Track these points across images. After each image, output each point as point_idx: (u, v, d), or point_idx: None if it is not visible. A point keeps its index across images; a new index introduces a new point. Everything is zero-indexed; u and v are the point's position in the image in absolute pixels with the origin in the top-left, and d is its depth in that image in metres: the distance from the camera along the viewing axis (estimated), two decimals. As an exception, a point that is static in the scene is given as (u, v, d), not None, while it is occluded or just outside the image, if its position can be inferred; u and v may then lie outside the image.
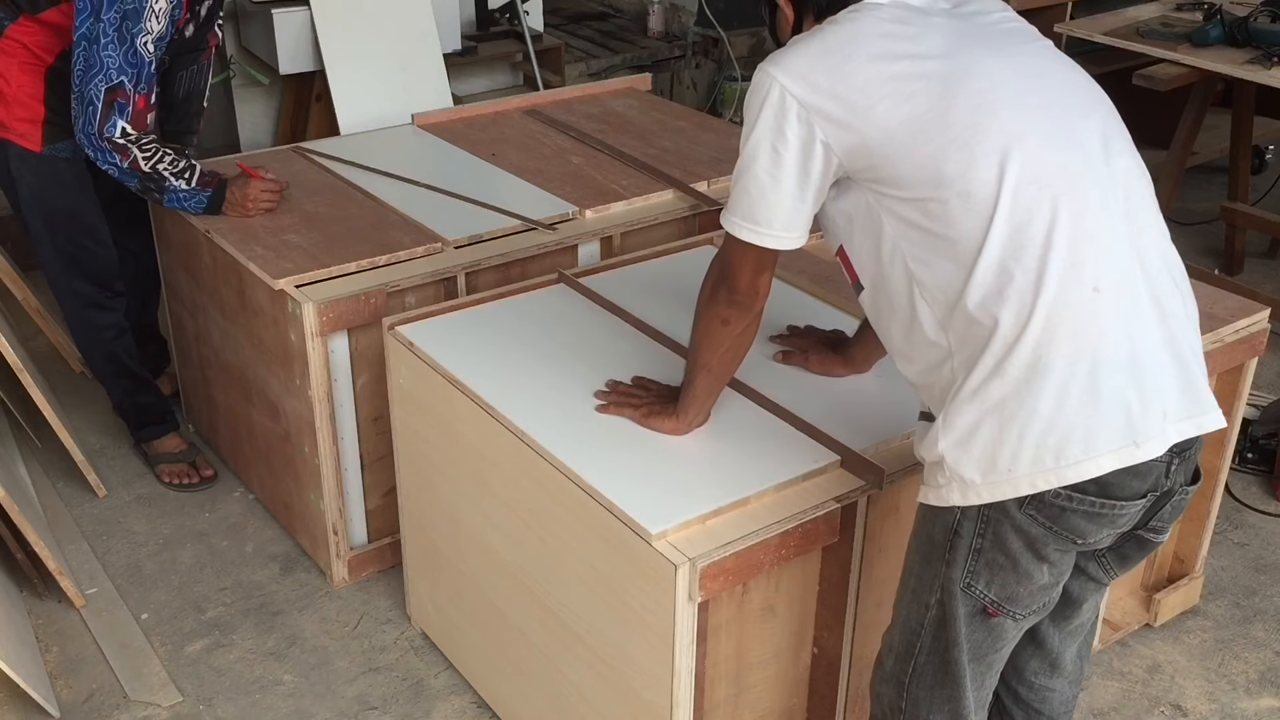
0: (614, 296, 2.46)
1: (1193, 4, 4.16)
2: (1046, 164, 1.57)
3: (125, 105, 2.55)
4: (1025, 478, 1.56)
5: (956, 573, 1.66)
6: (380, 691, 2.50)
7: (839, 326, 2.40)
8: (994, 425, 1.56)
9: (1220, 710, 2.50)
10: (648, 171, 3.11)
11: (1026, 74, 1.62)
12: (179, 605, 2.72)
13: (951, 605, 1.68)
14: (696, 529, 1.82)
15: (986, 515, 1.61)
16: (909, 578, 1.76)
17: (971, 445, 1.58)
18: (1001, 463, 1.56)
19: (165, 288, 3.19)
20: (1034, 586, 1.66)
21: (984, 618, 1.68)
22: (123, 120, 2.56)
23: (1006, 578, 1.64)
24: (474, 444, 2.18)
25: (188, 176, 2.69)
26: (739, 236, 1.75)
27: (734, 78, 5.68)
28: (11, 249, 3.85)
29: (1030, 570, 1.63)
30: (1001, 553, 1.62)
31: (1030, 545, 1.61)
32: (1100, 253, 1.56)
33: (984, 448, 1.57)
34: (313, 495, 2.70)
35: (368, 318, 2.54)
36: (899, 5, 1.66)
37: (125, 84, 2.52)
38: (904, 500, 2.07)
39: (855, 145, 1.60)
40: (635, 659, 1.91)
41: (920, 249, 1.61)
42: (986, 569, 1.64)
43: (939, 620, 1.71)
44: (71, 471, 3.07)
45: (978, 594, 1.66)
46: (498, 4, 4.92)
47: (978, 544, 1.63)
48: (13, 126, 2.71)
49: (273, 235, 2.71)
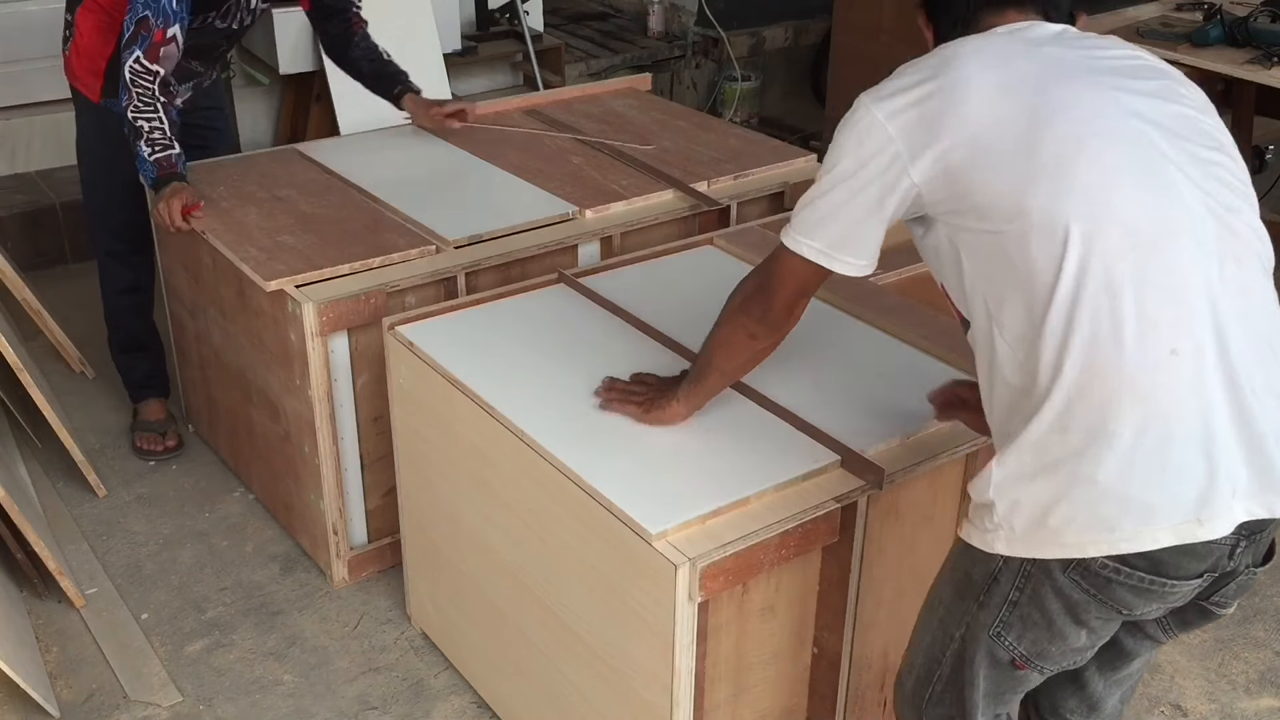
0: (614, 296, 2.46)
1: (1193, 4, 4.16)
2: (1136, 210, 1.46)
3: (147, 36, 2.68)
4: (1074, 543, 1.47)
5: (987, 618, 1.60)
6: (380, 691, 2.50)
7: (839, 327, 2.40)
8: (1050, 482, 1.48)
9: (1220, 710, 2.50)
10: (648, 172, 3.11)
11: (1133, 114, 1.52)
12: (179, 605, 2.72)
13: (973, 648, 1.63)
14: (696, 529, 1.82)
15: (1028, 571, 1.54)
16: (937, 605, 1.69)
17: (1024, 497, 1.50)
18: (1051, 522, 1.48)
19: (165, 287, 3.19)
20: (1067, 647, 1.59)
21: (1010, 668, 1.63)
22: (139, 49, 2.68)
23: (1039, 635, 1.57)
24: (474, 444, 2.18)
25: (157, 147, 2.74)
26: (800, 253, 1.68)
27: (734, 78, 5.68)
28: (11, 249, 3.85)
29: (1066, 632, 1.56)
30: (1038, 610, 1.55)
31: (1069, 609, 1.53)
32: (1184, 314, 1.44)
33: (1036, 503, 1.49)
34: (313, 495, 2.70)
35: (368, 318, 2.54)
36: (1011, 34, 1.61)
37: (149, 17, 2.67)
38: (904, 500, 2.08)
39: (939, 172, 1.54)
40: (635, 659, 1.91)
41: (995, 285, 1.53)
42: (1020, 623, 1.57)
43: (959, 656, 1.65)
44: (71, 471, 3.07)
45: (1007, 645, 1.60)
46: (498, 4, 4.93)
47: (1014, 596, 1.56)
48: (80, 75, 2.95)
49: (268, 236, 2.71)
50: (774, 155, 3.27)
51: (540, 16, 5.07)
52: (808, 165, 3.25)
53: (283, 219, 2.80)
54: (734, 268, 2.64)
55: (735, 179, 3.14)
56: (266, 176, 3.03)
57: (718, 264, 2.66)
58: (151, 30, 2.67)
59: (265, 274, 2.55)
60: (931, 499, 2.13)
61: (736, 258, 2.68)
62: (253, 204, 2.87)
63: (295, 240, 2.70)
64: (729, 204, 3.04)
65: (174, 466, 3.19)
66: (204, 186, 2.91)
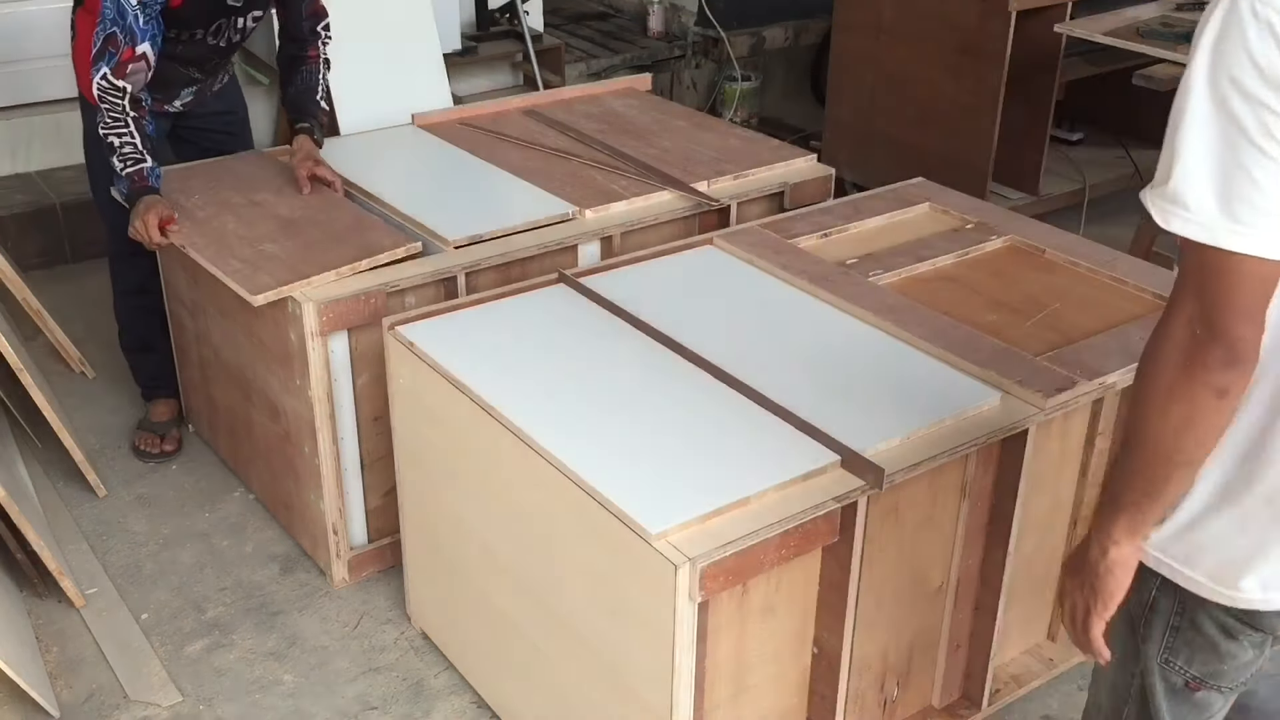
0: (614, 296, 2.46)
1: (1193, 4, 4.16)
2: None
3: (114, 53, 2.66)
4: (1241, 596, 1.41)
5: (1153, 649, 1.52)
6: (380, 691, 2.50)
7: (840, 329, 2.40)
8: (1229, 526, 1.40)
9: (1220, 710, 2.50)
10: (648, 172, 3.11)
11: None
12: (179, 605, 2.72)
13: (1150, 681, 1.54)
14: (696, 529, 1.82)
15: (1184, 597, 1.46)
16: (1115, 641, 1.56)
17: (1198, 531, 1.42)
18: None
19: (165, 287, 3.18)
20: (1238, 664, 1.49)
21: (1187, 692, 1.52)
22: (106, 66, 2.66)
23: (1207, 656, 1.49)
24: (474, 444, 2.18)
25: (127, 162, 2.74)
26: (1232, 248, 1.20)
27: (734, 78, 5.68)
28: (11, 249, 3.85)
29: (1232, 650, 1.47)
30: (1198, 634, 1.48)
31: (1226, 631, 1.46)
32: None
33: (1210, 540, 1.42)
34: (313, 495, 2.70)
35: (368, 318, 2.54)
36: None
37: (117, 34, 2.65)
38: (904, 500, 2.08)
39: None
40: (635, 659, 1.91)
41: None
42: (1185, 647, 1.50)
43: (1141, 692, 1.56)
44: (71, 471, 3.07)
45: (1178, 669, 1.51)
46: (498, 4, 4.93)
47: (1175, 621, 1.49)
48: (79, 68, 2.95)
49: (249, 245, 2.65)
50: (774, 155, 3.27)
51: (540, 16, 5.07)
52: (808, 165, 3.25)
53: (263, 226, 2.75)
54: (734, 268, 2.64)
55: (735, 179, 3.13)
56: (242, 180, 2.98)
57: (718, 264, 2.66)
58: (119, 48, 2.65)
59: (251, 287, 2.50)
60: (931, 499, 2.13)
61: (737, 258, 2.68)
62: (230, 211, 2.82)
63: (278, 248, 2.64)
64: (729, 204, 3.04)
65: (174, 466, 3.19)
66: (178, 195, 2.87)
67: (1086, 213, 4.64)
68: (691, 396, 2.15)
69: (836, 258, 2.68)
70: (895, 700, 2.30)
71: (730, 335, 2.35)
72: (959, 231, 2.82)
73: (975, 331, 2.36)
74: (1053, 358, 2.28)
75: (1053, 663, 2.53)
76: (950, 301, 2.52)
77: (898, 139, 4.50)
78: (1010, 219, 2.90)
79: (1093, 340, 2.36)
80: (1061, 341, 2.38)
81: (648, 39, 5.80)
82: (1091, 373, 2.24)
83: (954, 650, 2.33)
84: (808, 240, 2.77)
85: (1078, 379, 2.20)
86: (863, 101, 4.62)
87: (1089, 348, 2.33)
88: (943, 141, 4.27)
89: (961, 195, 3.05)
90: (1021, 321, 2.46)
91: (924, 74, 4.35)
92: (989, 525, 2.24)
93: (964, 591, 2.27)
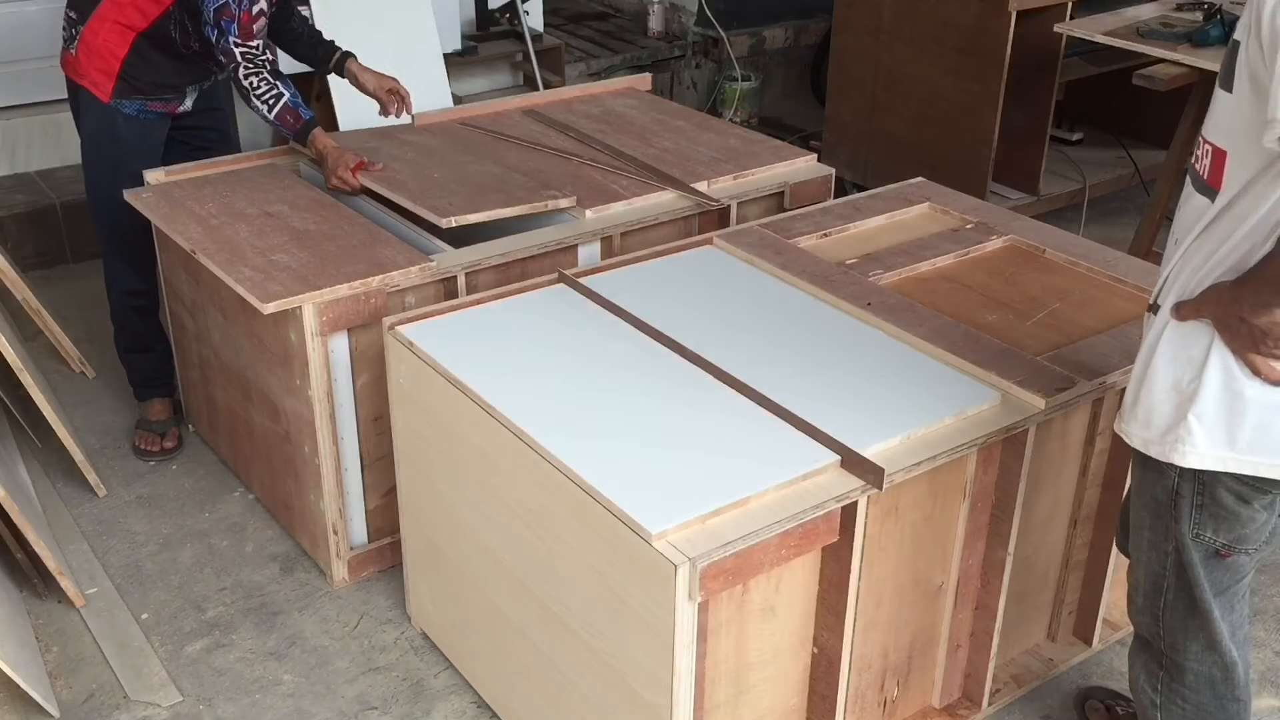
0: (614, 296, 2.46)
1: (1193, 4, 4.16)
2: None
3: (231, 22, 2.80)
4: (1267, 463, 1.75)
5: (1185, 526, 1.84)
6: (380, 691, 2.50)
7: (840, 329, 2.40)
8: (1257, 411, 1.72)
9: (1220, 710, 2.50)
10: (648, 171, 3.11)
11: None
12: (179, 605, 2.72)
13: (1186, 554, 1.86)
14: (696, 529, 1.82)
15: (1203, 478, 1.79)
16: (1142, 530, 1.92)
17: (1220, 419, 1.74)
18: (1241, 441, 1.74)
19: (165, 287, 3.19)
20: (1256, 526, 1.82)
21: (1218, 559, 1.85)
22: (231, 35, 2.82)
23: (1232, 524, 1.82)
24: (474, 444, 2.19)
25: (270, 104, 2.90)
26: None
27: (734, 78, 5.68)
28: (11, 249, 3.85)
29: (1253, 515, 1.81)
30: (1219, 506, 1.80)
31: (1241, 499, 1.79)
32: None
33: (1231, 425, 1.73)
34: (313, 495, 2.70)
35: (368, 318, 2.54)
36: None
37: (229, 5, 2.79)
38: (904, 500, 2.08)
39: None
40: (635, 659, 1.91)
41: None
42: (1212, 520, 1.82)
43: (1178, 565, 1.88)
44: (71, 471, 3.07)
45: (1208, 540, 1.84)
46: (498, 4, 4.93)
47: (1199, 500, 1.81)
48: (88, 74, 2.96)
49: (261, 255, 2.64)
50: (774, 155, 3.27)
51: (540, 16, 5.07)
52: (808, 165, 3.25)
53: (276, 237, 2.73)
54: (734, 268, 2.64)
55: (735, 179, 3.14)
56: (256, 191, 2.96)
57: (718, 264, 2.66)
58: (235, 16, 2.79)
59: (261, 295, 2.47)
60: (931, 499, 2.13)
61: (737, 258, 2.68)
62: (243, 221, 2.81)
63: (290, 259, 2.62)
64: (729, 204, 3.04)
65: (174, 466, 3.20)
66: (191, 204, 2.87)
67: (1086, 213, 4.64)
68: (691, 396, 2.15)
69: (836, 258, 2.68)
70: (895, 700, 2.30)
71: (730, 335, 2.35)
72: (959, 231, 2.82)
73: (975, 331, 2.36)
74: (1053, 358, 2.28)
75: (1053, 663, 2.54)
76: (950, 301, 2.52)
77: (898, 139, 4.50)
78: (1010, 219, 2.90)
79: (1093, 340, 2.36)
80: (1061, 341, 2.38)
81: (648, 39, 5.80)
82: (1091, 373, 2.24)
83: (954, 650, 2.33)
84: (808, 240, 2.77)
85: (1078, 379, 2.20)
86: (863, 101, 4.62)
87: (1089, 348, 2.33)
88: (943, 141, 4.27)
89: (961, 195, 3.05)
90: (1021, 321, 2.46)
91: (924, 74, 4.35)
92: (989, 525, 2.24)
93: (964, 591, 2.27)
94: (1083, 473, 2.39)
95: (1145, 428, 1.82)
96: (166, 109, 3.05)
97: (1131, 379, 1.86)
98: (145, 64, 2.94)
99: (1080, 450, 2.37)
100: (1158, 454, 1.80)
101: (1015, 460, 2.16)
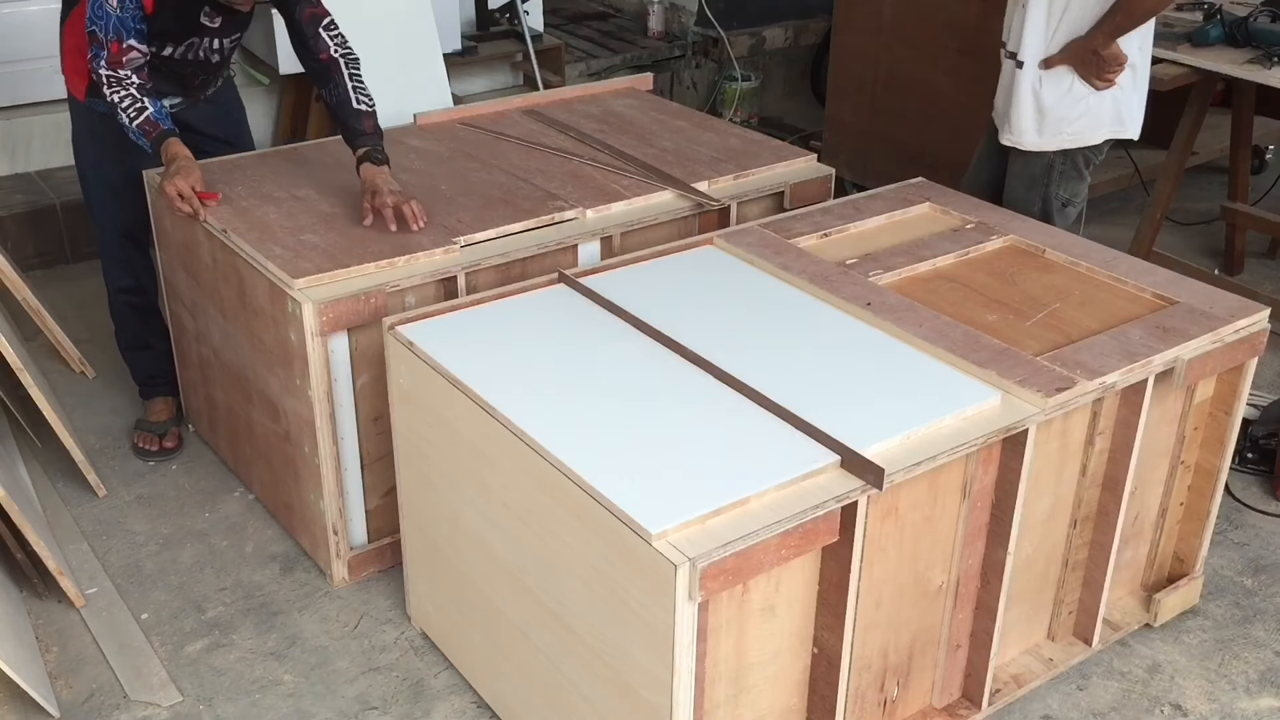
0: (614, 296, 2.46)
1: (1193, 4, 4.16)
2: None
3: (100, 49, 2.73)
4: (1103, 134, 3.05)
5: (1053, 190, 3.09)
6: (380, 691, 2.50)
7: (840, 329, 2.40)
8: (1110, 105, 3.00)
9: (1220, 710, 2.50)
10: (648, 171, 3.11)
11: None
12: (179, 605, 2.72)
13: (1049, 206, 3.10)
14: (696, 529, 1.82)
15: (1071, 155, 3.06)
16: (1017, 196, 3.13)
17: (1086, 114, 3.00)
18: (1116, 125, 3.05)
19: (165, 287, 3.19)
20: (1086, 184, 3.10)
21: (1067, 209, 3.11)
22: (102, 60, 2.73)
23: (1078, 185, 3.11)
24: (474, 444, 2.18)
25: (132, 116, 2.75)
26: None
27: (734, 78, 5.68)
28: (11, 249, 3.85)
29: (1086, 175, 3.10)
30: (1076, 171, 3.08)
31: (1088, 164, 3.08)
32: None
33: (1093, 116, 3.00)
34: (313, 495, 2.70)
35: (368, 318, 2.54)
36: None
37: (97, 32, 2.73)
38: (904, 500, 2.08)
39: None
40: (635, 659, 1.91)
41: None
42: (1069, 182, 3.09)
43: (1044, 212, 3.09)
44: (71, 471, 3.07)
45: (1064, 197, 3.09)
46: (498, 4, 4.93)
47: (1062, 169, 3.07)
48: (67, 74, 3.01)
49: (290, 235, 2.71)
50: (774, 155, 3.27)
51: (540, 16, 5.07)
52: (808, 165, 3.25)
53: (304, 218, 2.81)
54: (734, 268, 2.64)
55: (735, 179, 3.14)
56: (283, 176, 3.03)
57: (718, 264, 2.66)
58: (104, 44, 2.71)
59: (292, 271, 2.54)
60: (931, 499, 2.13)
61: (737, 258, 2.68)
62: (272, 203, 2.88)
63: (319, 239, 2.70)
64: (729, 204, 3.04)
65: (174, 466, 3.20)
66: (223, 186, 2.93)
67: (1086, 213, 4.63)
68: (691, 396, 2.15)
69: (836, 258, 2.68)
70: (895, 700, 2.30)
71: (730, 335, 2.35)
72: (959, 231, 2.82)
73: (975, 331, 2.36)
74: (1053, 358, 2.28)
75: (1053, 663, 2.54)
76: (950, 301, 2.52)
77: (898, 139, 4.50)
78: (1010, 219, 2.90)
79: (1093, 340, 2.36)
80: (1061, 341, 2.38)
81: (648, 39, 5.81)
82: (1091, 373, 2.24)
83: (954, 650, 2.33)
84: (808, 240, 2.77)
85: (1078, 379, 2.20)
86: (863, 101, 4.62)
87: (1089, 348, 2.33)
88: (943, 141, 4.27)
89: (962, 195, 3.05)
90: (1021, 321, 2.46)
91: (924, 74, 4.35)
92: (989, 525, 2.24)
93: (964, 591, 2.27)
94: (1083, 473, 2.39)
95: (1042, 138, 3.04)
96: None
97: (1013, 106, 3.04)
98: None
99: (1080, 450, 2.37)
100: (1034, 146, 3.04)
101: (1015, 460, 2.16)
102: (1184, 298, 2.52)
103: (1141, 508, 2.59)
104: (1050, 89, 2.98)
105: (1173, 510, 2.67)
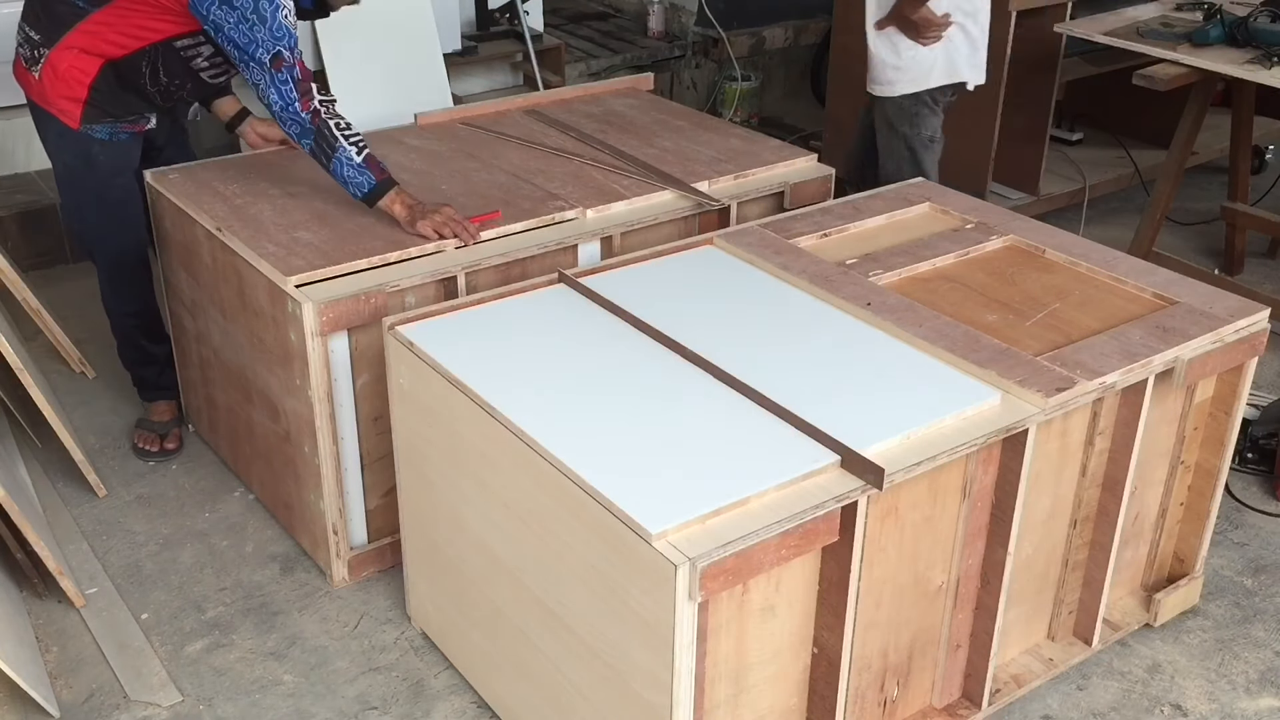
0: (614, 296, 2.46)
1: (1193, 4, 4.16)
2: None
3: (288, 70, 2.64)
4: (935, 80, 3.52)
5: (911, 130, 3.55)
6: (380, 691, 2.50)
7: (839, 329, 2.40)
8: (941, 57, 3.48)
9: (1220, 710, 2.50)
10: (648, 171, 3.11)
11: None
12: (179, 605, 2.72)
13: (913, 144, 3.57)
14: (696, 529, 1.82)
15: (919, 96, 3.51)
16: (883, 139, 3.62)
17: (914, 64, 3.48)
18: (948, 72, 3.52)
19: (165, 287, 3.19)
20: (939, 121, 3.58)
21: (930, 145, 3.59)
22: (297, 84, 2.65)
23: (933, 121, 3.57)
24: (474, 444, 2.19)
25: (361, 148, 2.71)
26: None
27: (734, 78, 5.68)
28: (11, 249, 3.85)
29: (938, 112, 3.56)
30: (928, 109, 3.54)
31: (935, 102, 3.54)
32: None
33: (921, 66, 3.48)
34: (313, 495, 2.70)
35: (368, 318, 2.54)
36: None
37: (283, 53, 2.63)
38: (904, 500, 2.08)
39: None
40: (635, 659, 1.91)
41: None
42: (924, 121, 3.55)
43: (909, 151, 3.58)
44: (71, 471, 3.07)
45: (925, 135, 3.56)
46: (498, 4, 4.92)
47: (914, 110, 3.53)
48: (55, 102, 2.85)
49: (284, 232, 2.72)
50: (774, 155, 3.27)
51: (540, 16, 5.07)
52: (808, 165, 3.25)
53: (299, 214, 2.81)
54: (734, 268, 2.64)
55: (735, 179, 3.14)
56: (278, 172, 3.03)
57: (718, 264, 2.66)
58: (291, 63, 2.64)
59: (285, 269, 2.55)
60: (931, 499, 2.13)
61: (737, 258, 2.68)
62: (266, 200, 2.88)
63: (312, 236, 2.70)
64: (729, 204, 3.04)
65: (174, 466, 3.20)
66: (217, 184, 2.93)
67: (1086, 213, 4.64)
68: (691, 396, 2.15)
69: (836, 258, 2.68)
70: (895, 700, 2.30)
71: (730, 335, 2.35)
72: (959, 231, 2.82)
73: (975, 331, 2.36)
74: (1053, 358, 2.28)
75: (1053, 663, 2.54)
76: (950, 301, 2.52)
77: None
78: (1010, 219, 2.90)
79: (1093, 340, 2.36)
80: (1061, 341, 2.38)
81: (648, 39, 5.80)
82: (1091, 373, 2.24)
83: (954, 650, 2.33)
84: (808, 240, 2.77)
85: (1078, 379, 2.20)
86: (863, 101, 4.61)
87: (1089, 348, 2.33)
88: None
89: (961, 195, 3.05)
90: (1021, 321, 2.46)
91: (924, 74, 4.34)
92: (989, 525, 2.24)
93: (964, 591, 2.27)
94: (1083, 473, 2.39)
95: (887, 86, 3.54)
96: (136, 128, 2.94)
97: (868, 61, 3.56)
98: (111, 91, 2.83)
99: (1080, 450, 2.37)
100: (881, 92, 3.54)
101: (1015, 460, 2.16)
102: (1184, 298, 2.52)
103: (1141, 508, 2.59)
104: (883, 46, 3.52)
105: (1173, 510, 2.67)
